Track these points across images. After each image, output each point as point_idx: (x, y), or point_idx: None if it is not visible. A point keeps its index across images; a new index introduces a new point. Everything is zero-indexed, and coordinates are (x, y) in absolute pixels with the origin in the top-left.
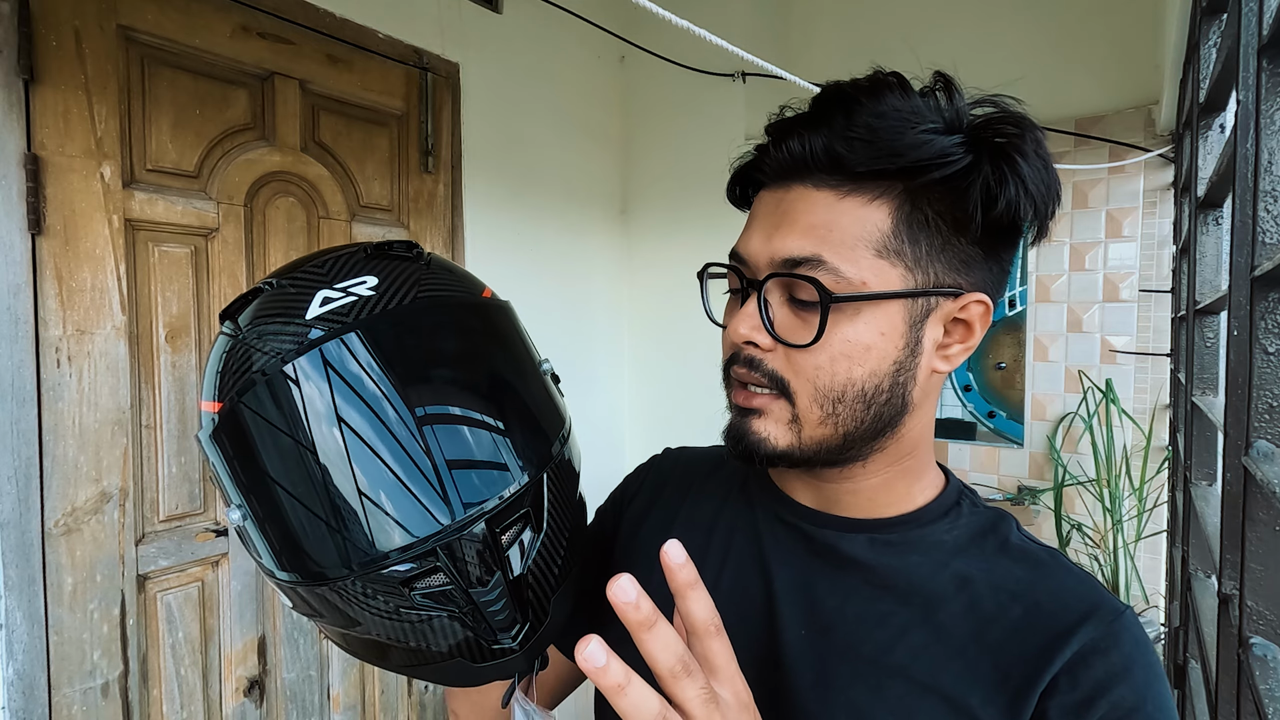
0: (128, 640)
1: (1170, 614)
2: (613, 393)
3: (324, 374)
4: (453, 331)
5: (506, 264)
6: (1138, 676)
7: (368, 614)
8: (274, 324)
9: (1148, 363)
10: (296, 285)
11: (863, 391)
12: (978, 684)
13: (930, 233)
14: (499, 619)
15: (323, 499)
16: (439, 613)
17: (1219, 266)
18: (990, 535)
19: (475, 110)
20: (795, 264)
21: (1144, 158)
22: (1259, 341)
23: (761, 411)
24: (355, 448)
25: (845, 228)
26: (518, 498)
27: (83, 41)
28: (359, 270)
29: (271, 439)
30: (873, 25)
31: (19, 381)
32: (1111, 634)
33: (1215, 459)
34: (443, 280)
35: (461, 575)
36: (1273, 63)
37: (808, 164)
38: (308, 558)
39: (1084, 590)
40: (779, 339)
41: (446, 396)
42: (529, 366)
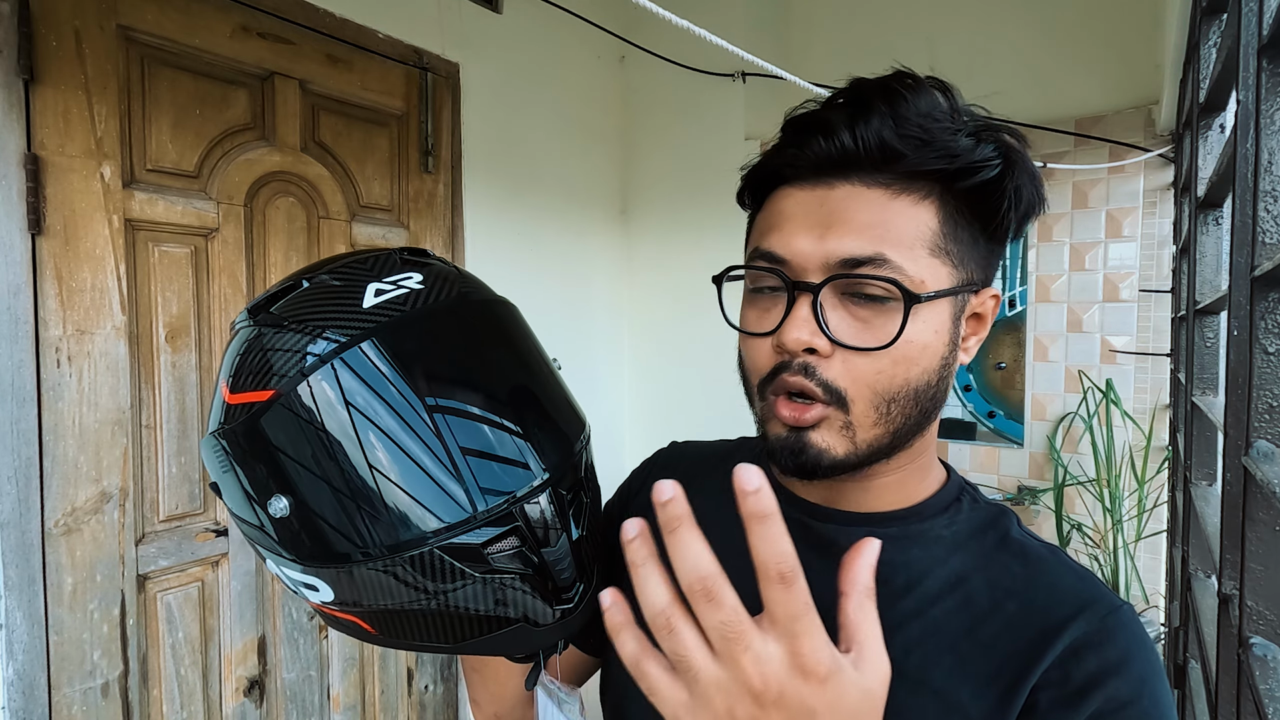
0: (128, 640)
1: (1170, 614)
2: (613, 393)
3: (408, 352)
4: (503, 324)
5: (506, 264)
6: (1134, 671)
7: (437, 584)
8: (329, 312)
9: (1148, 363)
10: (341, 279)
11: (916, 391)
12: (969, 679)
13: (964, 231)
14: (564, 578)
15: (408, 469)
16: (510, 575)
17: (1219, 266)
18: (990, 531)
19: (475, 110)
20: (857, 264)
21: (1144, 158)
22: (1259, 341)
23: (815, 424)
24: (445, 420)
25: (901, 227)
26: (574, 465)
27: (83, 41)
28: (400, 269)
29: (351, 416)
30: (873, 25)
31: (19, 381)
32: (1106, 628)
33: (1215, 459)
34: (473, 281)
35: (534, 536)
36: (1273, 63)
37: (856, 160)
38: (390, 529)
39: (1081, 586)
40: (839, 343)
41: (512, 375)
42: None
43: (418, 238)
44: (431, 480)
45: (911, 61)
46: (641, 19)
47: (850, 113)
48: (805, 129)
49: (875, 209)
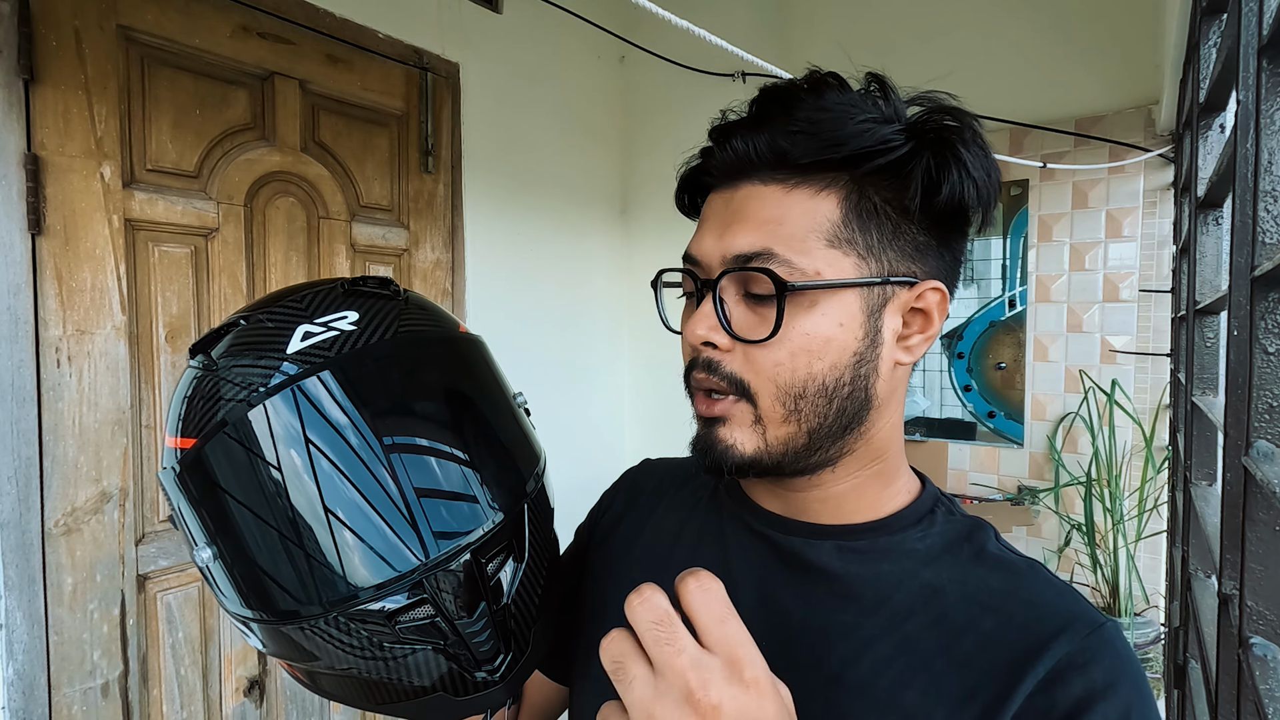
0: (128, 640)
1: (1170, 614)
2: (613, 393)
3: (311, 409)
4: (435, 367)
5: (506, 264)
6: (1121, 695)
7: (347, 651)
8: (253, 358)
9: (1148, 363)
10: (275, 320)
11: (824, 385)
12: (943, 700)
13: (880, 221)
14: (483, 650)
15: (310, 535)
16: (423, 645)
17: (1219, 266)
18: (965, 544)
19: (475, 110)
20: (747, 259)
21: (1144, 158)
22: (1259, 341)
23: (725, 418)
24: (344, 483)
25: (795, 220)
26: (500, 529)
27: (83, 41)
28: (338, 306)
29: (253, 474)
30: (872, 25)
31: (19, 381)
32: (1089, 648)
33: (1215, 459)
34: (420, 317)
35: (448, 606)
36: (1273, 63)
37: (753, 161)
38: (290, 596)
39: (1062, 602)
40: (736, 336)
41: (430, 431)
42: (504, 401)
43: (418, 238)
44: (328, 551)
45: (911, 61)
46: (641, 19)
47: (749, 119)
48: (717, 135)
49: (770, 205)
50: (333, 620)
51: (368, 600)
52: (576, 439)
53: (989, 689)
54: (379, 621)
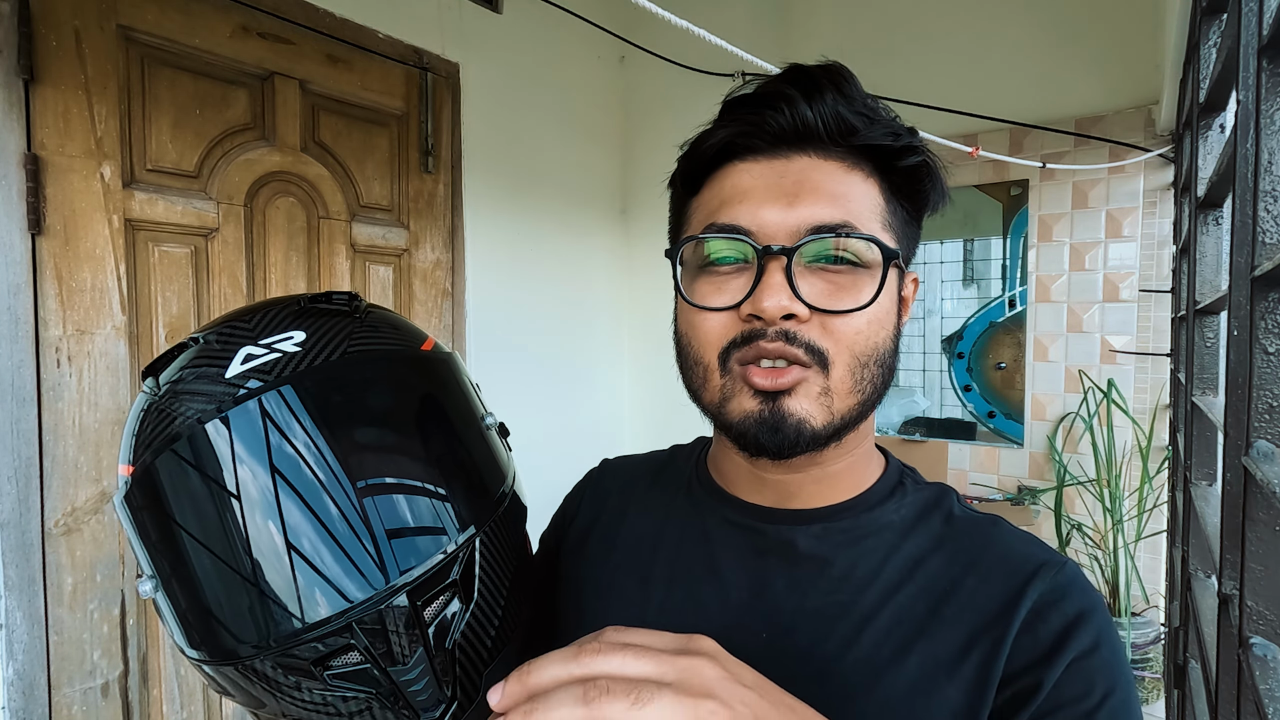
0: (128, 640)
1: (1170, 614)
2: (613, 393)
3: (236, 438)
4: (381, 389)
5: (506, 264)
6: (1092, 621)
7: (278, 696)
8: (192, 383)
9: (1148, 363)
10: (221, 340)
11: (883, 355)
12: (942, 660)
13: (901, 212)
14: (421, 699)
15: (227, 573)
16: (354, 694)
17: (1219, 266)
18: (935, 510)
19: (475, 110)
20: (832, 230)
21: (1144, 158)
22: (1259, 341)
23: (793, 389)
24: (261, 519)
25: (859, 198)
26: (442, 567)
27: (83, 41)
28: (287, 325)
29: (180, 507)
30: (872, 25)
31: (19, 381)
32: (1059, 586)
33: (1215, 459)
34: (376, 334)
35: (379, 653)
36: (1273, 63)
37: (813, 133)
38: (215, 635)
39: (1028, 550)
40: (816, 308)
41: (365, 461)
42: (465, 422)
43: (418, 238)
44: (245, 591)
45: (911, 61)
46: (641, 19)
47: (805, 88)
48: (761, 104)
49: (836, 180)
50: (265, 664)
51: (291, 646)
52: (576, 438)
53: (983, 641)
54: (307, 668)
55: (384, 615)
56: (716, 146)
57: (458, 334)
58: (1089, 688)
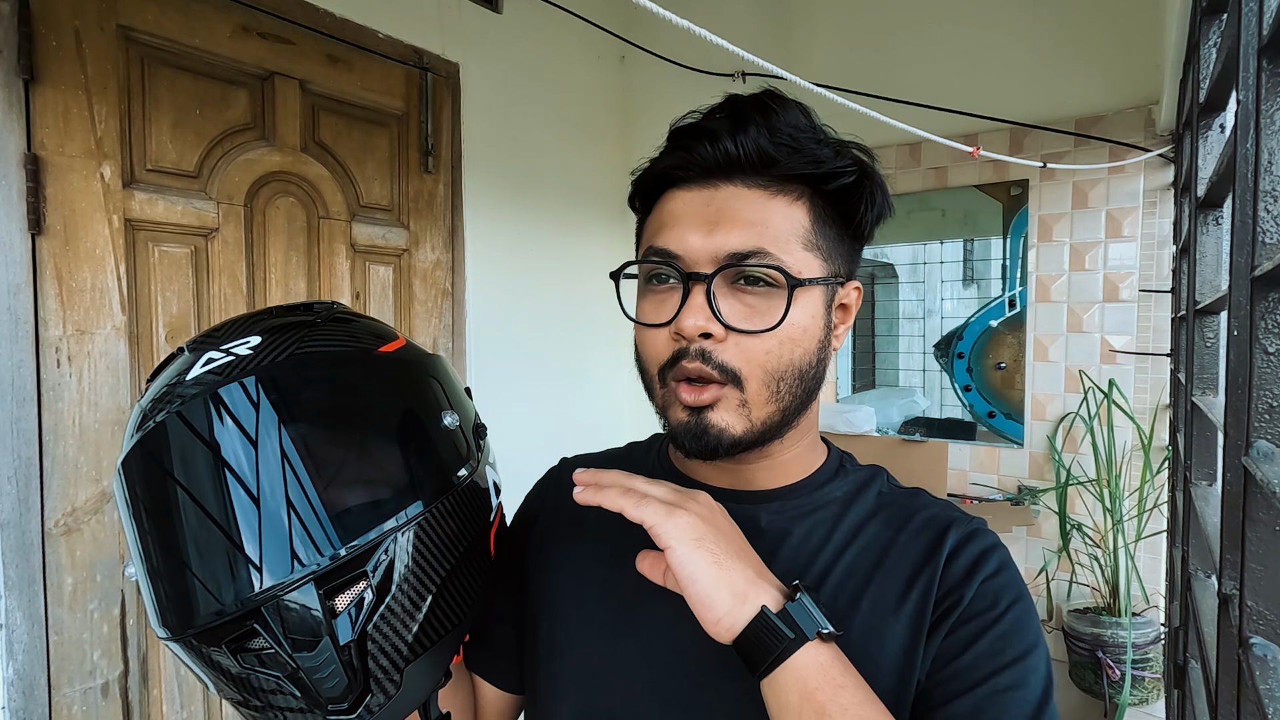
0: (128, 640)
1: (1170, 614)
2: (613, 393)
3: (174, 436)
4: (315, 387)
5: (506, 264)
6: (995, 554)
7: (207, 673)
8: (163, 386)
9: (1148, 363)
10: (193, 348)
11: (800, 370)
12: (889, 602)
13: (831, 229)
14: (327, 686)
15: (159, 560)
16: (267, 676)
17: (1219, 266)
18: (870, 486)
19: (475, 110)
20: (743, 256)
21: (1144, 158)
22: (1259, 341)
23: (714, 404)
24: (187, 509)
25: (778, 224)
26: (353, 559)
27: (83, 41)
28: (248, 332)
29: (134, 499)
30: (872, 25)
31: (19, 381)
32: (970, 533)
33: (1215, 459)
34: (329, 337)
35: (284, 640)
36: (1273, 63)
37: (739, 164)
38: (157, 613)
39: (945, 511)
40: (731, 328)
41: (286, 455)
42: (404, 420)
43: (418, 238)
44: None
45: (911, 61)
46: (641, 19)
47: (731, 123)
48: (692, 136)
49: (756, 208)
50: (188, 643)
51: (202, 628)
52: (575, 438)
53: (918, 583)
54: (220, 650)
55: (287, 603)
56: (656, 175)
57: (457, 334)
58: (995, 600)
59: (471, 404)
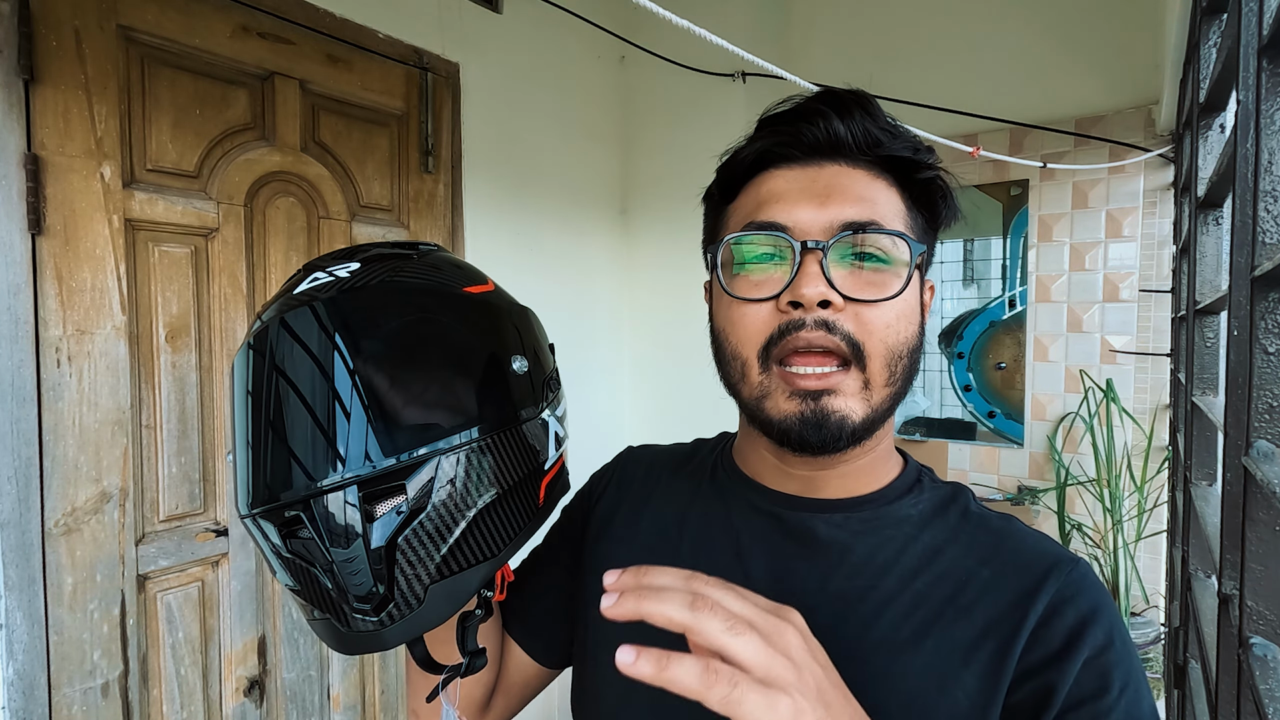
0: (128, 640)
1: (1170, 614)
2: (613, 393)
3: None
4: (397, 311)
5: (506, 264)
6: (1104, 618)
7: (268, 553)
8: (275, 298)
9: (1148, 363)
10: (306, 268)
11: (913, 350)
12: (957, 644)
13: (919, 219)
14: (355, 584)
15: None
16: (307, 564)
17: (1219, 266)
18: (952, 506)
19: (475, 110)
20: (861, 227)
21: (1144, 158)
22: (1259, 341)
23: (834, 390)
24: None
25: (884, 202)
26: (395, 471)
27: (83, 41)
28: (352, 258)
29: (234, 391)
30: (872, 25)
31: (19, 381)
32: (1073, 582)
33: (1215, 459)
34: (422, 271)
35: (323, 533)
36: (1273, 63)
37: (843, 144)
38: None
39: (1042, 548)
40: (850, 298)
41: (351, 368)
42: (478, 354)
43: (417, 237)
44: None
45: (911, 61)
46: (641, 19)
47: (837, 107)
48: (796, 118)
49: (864, 185)
50: (253, 521)
51: (260, 512)
52: (576, 438)
53: (998, 632)
54: (274, 534)
55: (329, 501)
56: (754, 155)
57: None
58: (1105, 684)
59: (551, 358)
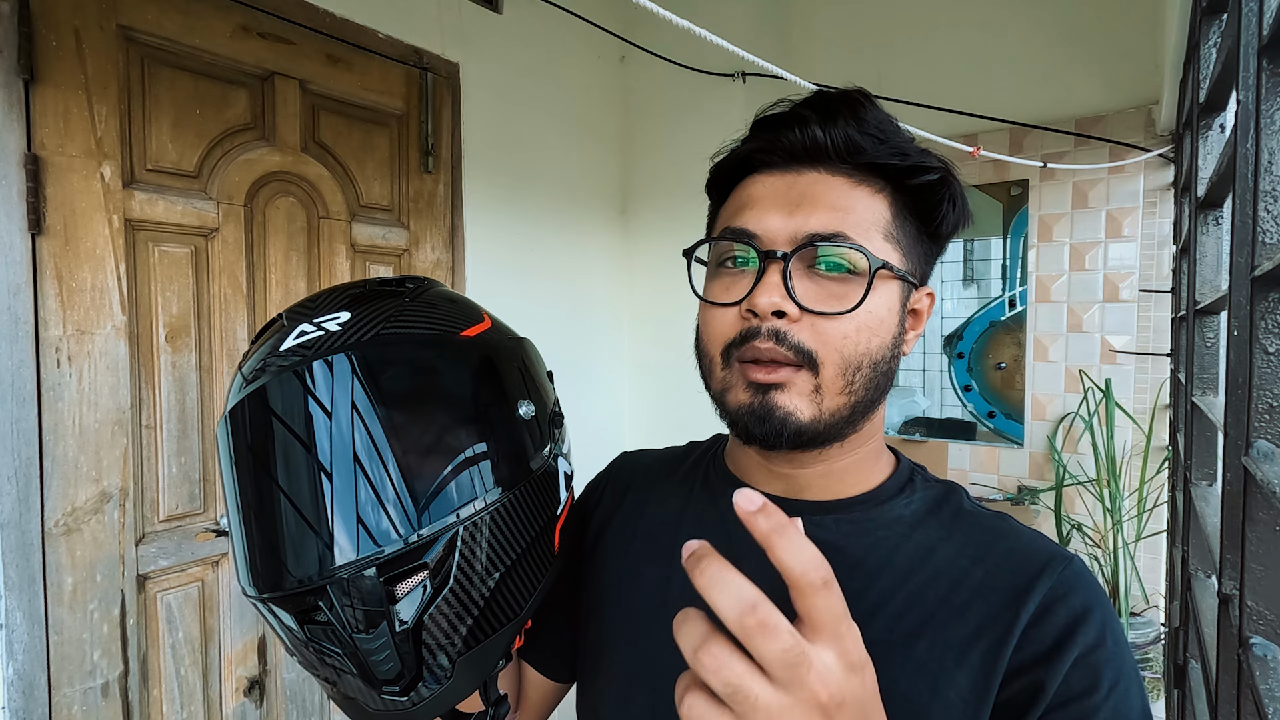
0: (128, 640)
1: (1170, 614)
2: (613, 393)
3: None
4: (398, 371)
5: (506, 264)
6: (1096, 616)
7: (284, 638)
8: (256, 355)
9: (1148, 363)
10: (290, 318)
11: (875, 362)
12: (950, 644)
13: (911, 227)
14: (383, 669)
15: (235, 527)
16: (328, 649)
17: (1219, 266)
18: (944, 506)
19: (475, 110)
20: (824, 238)
21: (1144, 158)
22: (1259, 341)
23: (784, 385)
24: (260, 486)
25: (860, 211)
26: (414, 549)
27: (83, 41)
28: (341, 306)
29: (228, 461)
30: (872, 25)
31: (19, 381)
32: (1065, 581)
33: (1215, 459)
34: (417, 317)
35: (344, 618)
36: (1273, 63)
37: (825, 151)
38: (240, 573)
39: (1036, 546)
40: (805, 308)
41: (354, 437)
42: (486, 409)
43: (418, 238)
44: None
45: (911, 61)
46: (641, 19)
47: (820, 112)
48: (779, 122)
49: (839, 194)
50: (263, 604)
51: (270, 599)
52: (576, 438)
53: (991, 629)
54: (288, 621)
55: (350, 585)
56: (737, 160)
57: None
58: (1095, 681)
59: (551, 388)
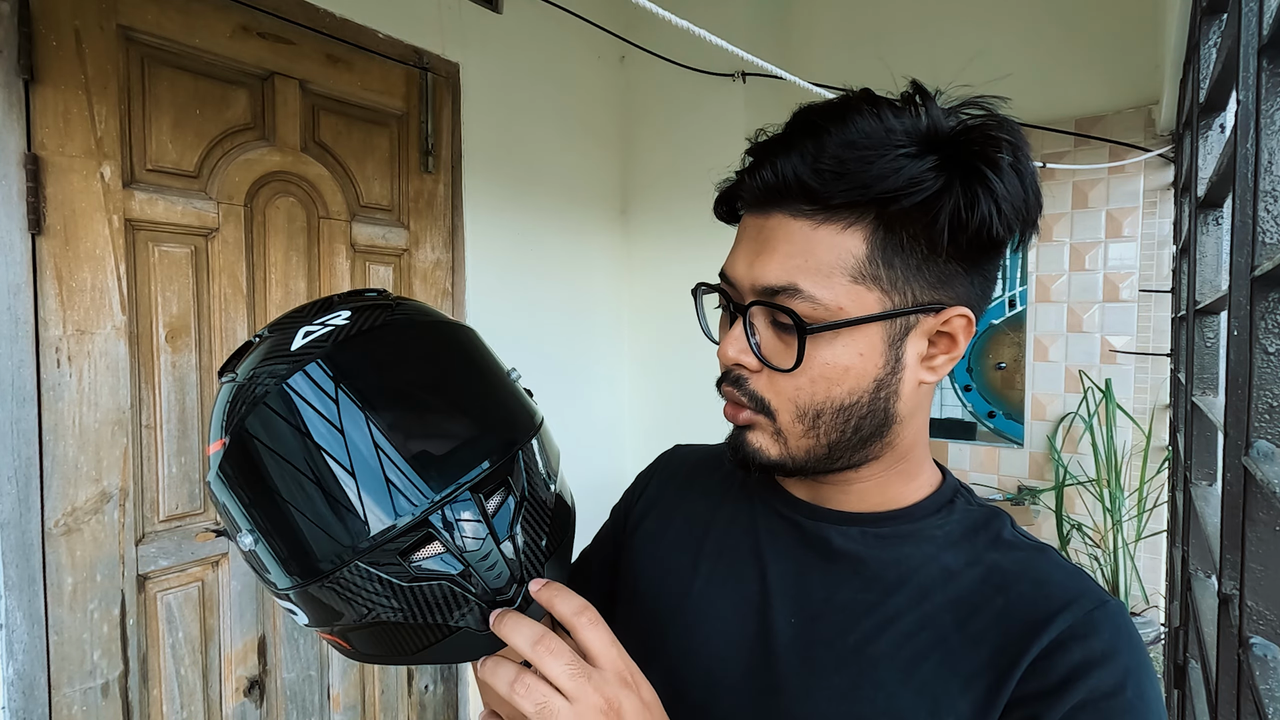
0: (128, 640)
1: (1170, 614)
2: (613, 393)
3: (315, 389)
4: (422, 342)
5: (506, 264)
6: (1119, 662)
7: (378, 597)
8: (265, 363)
9: (1148, 363)
10: (282, 329)
11: (841, 407)
12: (957, 672)
13: (906, 254)
14: (493, 575)
15: (326, 498)
16: (438, 581)
17: (1219, 266)
18: (983, 531)
19: (475, 110)
20: (774, 292)
21: (1144, 158)
22: (1259, 341)
23: (751, 426)
24: (349, 447)
25: (820, 256)
26: (494, 470)
27: (83, 41)
28: (334, 309)
29: (274, 451)
30: (873, 25)
31: (19, 381)
32: (1091, 621)
33: (1215, 459)
34: (409, 311)
35: (454, 540)
36: (1273, 63)
37: (782, 193)
38: (308, 557)
39: (1070, 582)
40: (764, 361)
41: (424, 394)
42: (496, 372)
43: (418, 238)
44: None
45: (911, 62)
46: (641, 19)
47: (774, 148)
48: (753, 158)
49: (798, 239)
50: (356, 570)
51: (383, 543)
52: (577, 437)
53: (999, 662)
54: (395, 562)
55: (453, 509)
56: (728, 196)
57: None
58: None
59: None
